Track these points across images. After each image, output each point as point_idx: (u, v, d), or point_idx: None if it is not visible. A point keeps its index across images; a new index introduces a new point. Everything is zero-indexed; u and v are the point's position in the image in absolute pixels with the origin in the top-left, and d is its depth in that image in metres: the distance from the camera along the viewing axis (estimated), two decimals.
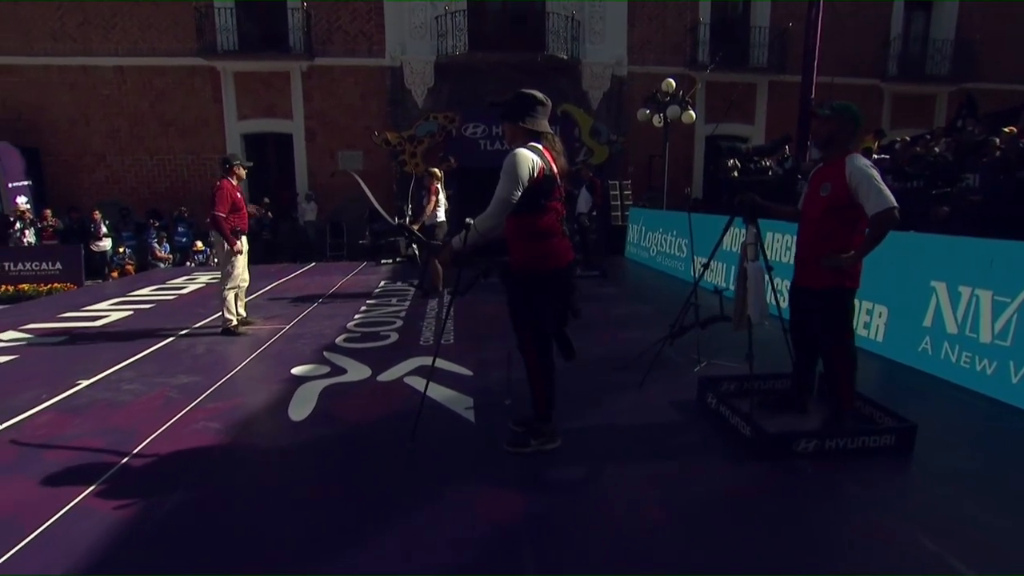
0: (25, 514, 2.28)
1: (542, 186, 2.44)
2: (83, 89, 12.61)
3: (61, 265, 10.26)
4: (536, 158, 2.43)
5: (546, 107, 2.56)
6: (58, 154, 12.81)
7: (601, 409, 3.33)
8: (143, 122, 12.90)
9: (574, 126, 12.33)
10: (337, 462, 2.74)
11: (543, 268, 2.52)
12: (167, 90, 12.78)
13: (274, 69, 12.86)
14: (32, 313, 6.51)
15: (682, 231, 8.07)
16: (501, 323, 5.52)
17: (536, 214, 2.49)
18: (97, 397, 3.65)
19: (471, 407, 3.33)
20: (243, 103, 13.01)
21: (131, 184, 13.10)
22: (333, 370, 4.12)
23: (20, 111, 12.55)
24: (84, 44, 12.39)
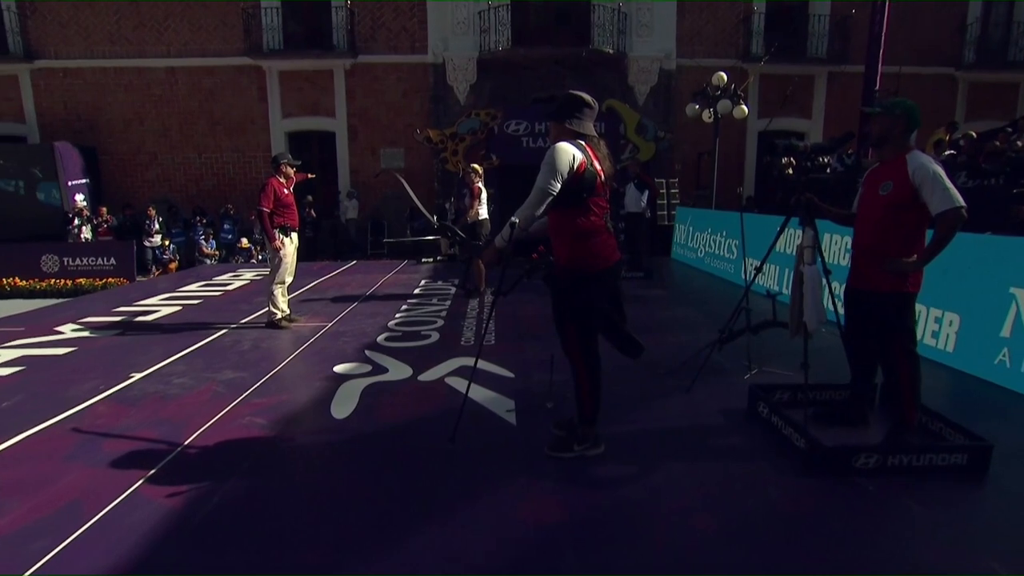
0: (86, 500, 2.43)
1: (584, 181, 2.43)
2: (137, 90, 13.31)
3: (115, 261, 10.86)
4: (577, 152, 2.43)
5: (593, 110, 2.55)
6: (114, 153, 13.56)
7: (647, 413, 3.30)
8: (192, 121, 13.51)
9: (619, 122, 12.22)
10: (378, 461, 2.81)
11: (588, 268, 2.51)
12: (215, 90, 13.35)
13: (318, 67, 13.25)
14: (89, 307, 6.91)
15: (732, 232, 7.89)
16: (543, 323, 5.57)
17: (579, 211, 2.48)
18: (149, 390, 3.85)
19: (512, 409, 3.36)
20: (288, 101, 13.46)
21: (180, 182, 13.74)
22: (375, 369, 4.21)
23: (80, 112, 13.35)
24: (139, 46, 13.07)
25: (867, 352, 2.80)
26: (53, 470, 2.72)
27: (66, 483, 2.59)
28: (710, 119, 10.49)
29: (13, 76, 13.20)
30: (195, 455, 2.87)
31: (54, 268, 10.83)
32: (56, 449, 2.95)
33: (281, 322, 5.45)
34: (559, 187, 2.39)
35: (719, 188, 11.22)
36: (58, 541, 2.13)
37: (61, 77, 13.22)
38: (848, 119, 11.31)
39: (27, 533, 2.20)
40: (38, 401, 3.66)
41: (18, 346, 5.04)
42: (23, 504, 2.41)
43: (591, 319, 2.58)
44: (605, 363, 2.76)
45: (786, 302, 3.19)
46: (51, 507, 2.39)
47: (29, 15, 12.88)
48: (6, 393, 3.83)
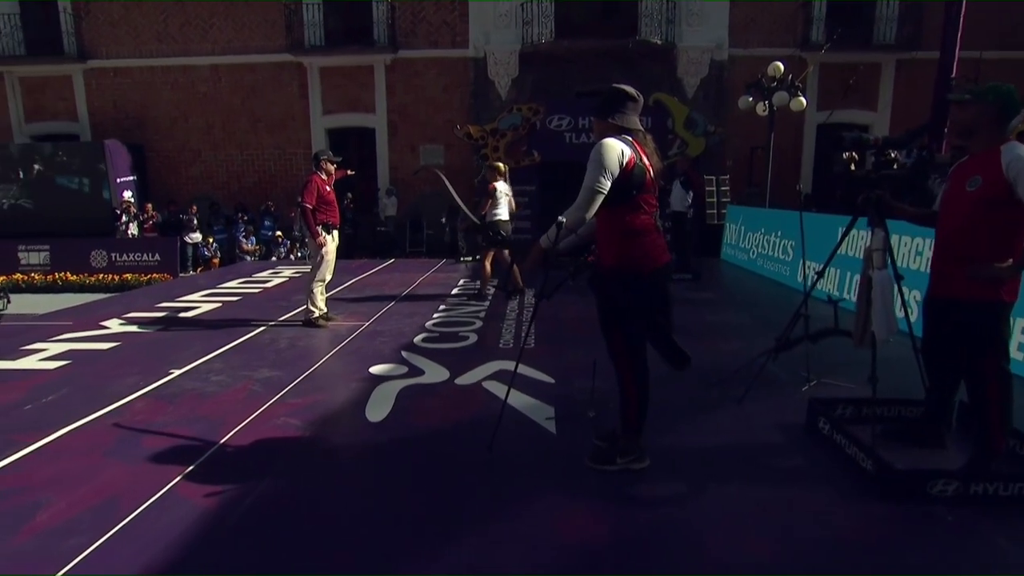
0: (123, 497, 2.50)
1: (633, 178, 2.37)
2: (183, 88, 13.85)
3: (159, 257, 11.32)
4: (625, 148, 2.38)
5: (637, 103, 2.50)
6: (160, 150, 14.15)
7: (695, 425, 3.18)
8: (234, 118, 13.96)
9: (667, 116, 11.96)
10: (412, 468, 2.79)
11: (636, 269, 2.44)
12: (257, 87, 13.76)
13: (358, 63, 13.48)
14: (134, 302, 7.20)
15: (788, 232, 7.60)
16: (586, 326, 5.46)
17: (628, 209, 2.42)
18: (187, 387, 3.96)
19: (552, 417, 3.29)
20: (328, 98, 13.75)
21: (222, 179, 14.23)
22: (411, 370, 4.22)
23: (128, 110, 13.99)
24: (184, 45, 13.60)
25: (949, 367, 2.61)
26: (93, 465, 2.80)
27: (104, 479, 2.66)
28: (765, 112, 10.15)
29: (67, 76, 13.94)
30: (230, 454, 2.92)
31: (103, 263, 11.37)
32: (96, 444, 3.05)
33: (318, 321, 5.54)
34: (609, 185, 2.34)
35: (773, 185, 10.84)
36: (93, 539, 2.19)
37: (111, 76, 13.89)
38: (918, 110, 10.76)
39: (63, 529, 2.26)
40: (82, 395, 3.80)
41: (66, 340, 5.27)
42: (63, 499, 2.49)
43: (639, 324, 2.53)
44: (651, 370, 2.67)
45: (850, 309, 3.01)
46: (88, 503, 2.46)
47: (83, 16, 13.57)
48: (53, 387, 3.99)
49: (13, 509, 2.42)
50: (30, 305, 9.45)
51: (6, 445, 3.01)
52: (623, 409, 2.62)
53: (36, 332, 5.58)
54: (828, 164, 10.68)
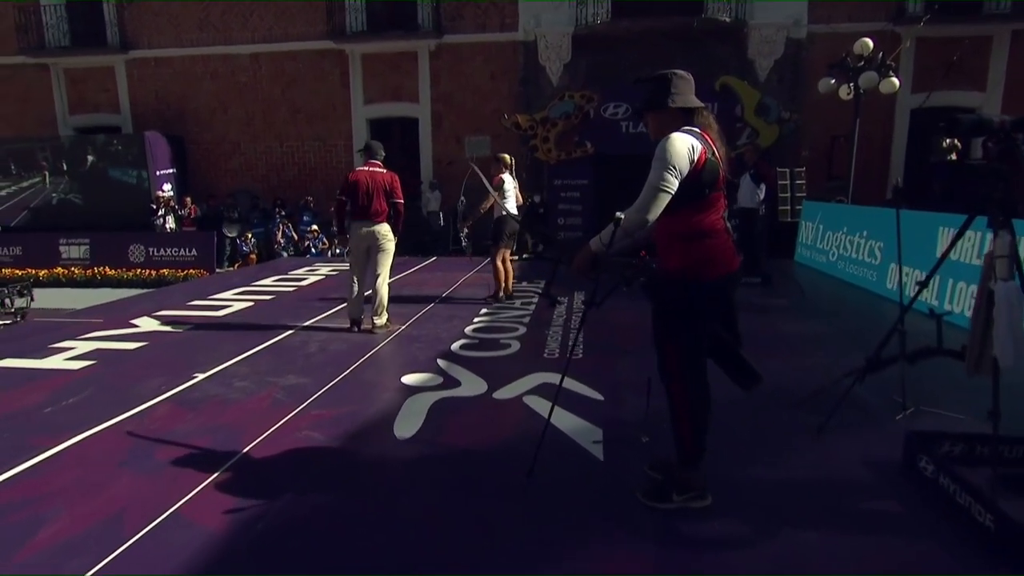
0: (130, 512, 2.47)
1: (705, 175, 2.21)
2: (223, 77, 14.29)
3: (196, 252, 11.69)
4: (695, 141, 2.21)
5: (687, 80, 2.33)
6: (200, 142, 14.66)
7: (765, 457, 2.93)
8: (274, 109, 14.31)
9: (736, 103, 11.49)
10: (441, 493, 2.67)
11: (703, 275, 2.27)
12: (298, 75, 14.05)
13: (402, 49, 13.57)
14: (166, 299, 7.41)
15: (875, 231, 7.13)
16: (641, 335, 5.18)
17: (697, 209, 2.25)
18: (210, 392, 3.97)
19: (599, 440, 3.10)
20: (370, 87, 13.91)
21: (261, 172, 14.61)
22: (446, 381, 4.12)
23: (169, 101, 14.56)
24: (225, 33, 14.03)
25: None
26: (104, 476, 2.80)
27: (114, 492, 2.65)
28: (849, 96, 9.58)
29: (110, 67, 14.62)
30: (245, 470, 2.86)
31: (140, 258, 11.84)
32: (111, 452, 3.07)
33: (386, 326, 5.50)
34: (677, 184, 2.17)
35: (857, 178, 10.24)
36: (94, 561, 2.15)
37: (153, 67, 14.47)
38: None
39: (65, 548, 2.24)
40: (103, 399, 3.87)
41: (94, 338, 5.43)
42: (68, 512, 2.48)
43: (700, 338, 2.35)
44: (719, 393, 2.46)
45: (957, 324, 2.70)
46: (95, 518, 2.44)
47: (125, 6, 14.20)
48: (76, 388, 4.09)
49: (20, 522, 2.42)
50: (69, 300, 9.91)
51: (21, 451, 3.06)
52: (677, 437, 2.43)
53: (66, 330, 5.78)
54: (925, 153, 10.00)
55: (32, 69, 14.85)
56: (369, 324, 5.47)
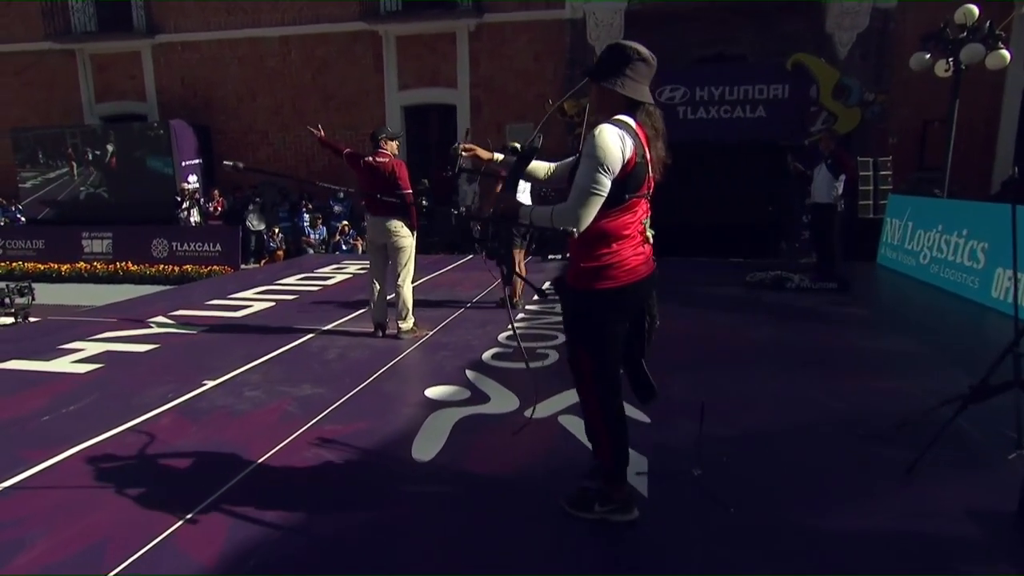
0: (112, 542, 2.39)
1: (629, 178, 2.18)
2: (251, 63, 14.55)
3: (220, 247, 11.89)
4: (627, 137, 2.15)
5: (649, 66, 2.22)
6: (227, 132, 14.97)
7: (844, 500, 2.66)
8: (304, 96, 14.47)
9: (810, 83, 10.97)
10: (459, 527, 2.52)
11: (608, 282, 2.26)
12: (329, 60, 14.18)
13: (439, 30, 13.54)
14: (184, 298, 7.50)
15: (979, 230, 6.64)
16: (694, 347, 5.00)
17: (613, 213, 2.22)
18: (218, 403, 3.92)
19: (644, 472, 2.88)
20: (405, 71, 13.92)
21: (290, 163, 14.80)
22: (474, 395, 3.98)
23: (196, 88, 14.91)
24: (254, 15, 14.27)
25: None
26: (91, 496, 2.75)
27: (102, 515, 2.59)
28: (947, 72, 8.99)
29: (136, 53, 15.06)
30: (244, 494, 2.76)
31: (163, 253, 12.14)
32: (104, 469, 3.02)
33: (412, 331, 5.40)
34: (609, 185, 2.14)
35: (955, 168, 9.62)
36: None
37: (179, 51, 14.85)
38: None
39: None
40: (106, 407, 3.86)
41: (105, 339, 5.50)
42: (49, 537, 2.43)
43: (611, 345, 2.35)
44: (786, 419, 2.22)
45: None
46: (76, 546, 2.37)
47: None
48: (79, 394, 4.10)
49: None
50: (89, 296, 10.22)
51: (11, 464, 3.05)
52: (595, 448, 2.51)
53: (78, 329, 5.88)
54: None
55: (58, 55, 15.44)
56: (394, 329, 5.37)
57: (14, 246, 13.38)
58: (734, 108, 11.24)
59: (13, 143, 15.04)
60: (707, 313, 6.22)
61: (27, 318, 6.64)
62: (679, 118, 11.37)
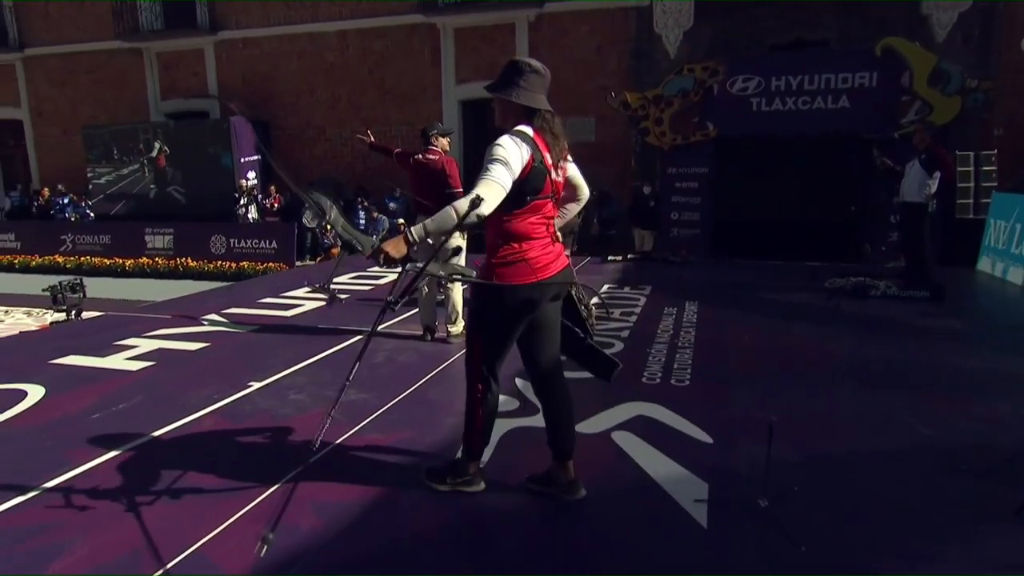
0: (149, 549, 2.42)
1: (527, 183, 2.42)
2: (309, 57, 14.92)
3: (276, 244, 12.21)
4: (525, 145, 2.40)
5: (541, 76, 2.52)
6: (285, 128, 15.39)
7: (940, 541, 2.44)
8: (361, 90, 14.73)
9: (902, 70, 10.35)
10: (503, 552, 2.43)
11: (511, 280, 2.49)
12: (386, 54, 14.39)
13: (498, 21, 13.53)
14: (238, 296, 7.72)
15: None
16: (763, 359, 4.76)
17: (515, 214, 2.47)
18: (262, 405, 3.97)
19: (704, 500, 2.72)
20: (462, 64, 13.97)
21: (347, 159, 15.09)
22: (523, 406, 3.89)
23: (256, 84, 15.39)
24: (313, 11, 14.62)
25: None
26: (128, 502, 2.80)
27: (135, 523, 2.62)
28: None
29: (199, 50, 15.69)
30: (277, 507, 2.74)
31: (221, 250, 12.57)
32: (144, 473, 3.08)
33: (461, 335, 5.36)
34: (511, 182, 2.34)
35: None
36: None
37: (240, 48, 15.37)
38: None
39: None
40: (153, 406, 3.97)
41: (159, 336, 5.69)
42: (86, 543, 2.47)
43: (502, 341, 2.64)
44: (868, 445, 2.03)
45: None
46: (112, 554, 2.41)
47: None
48: (128, 393, 4.23)
49: (34, 551, 2.44)
50: (152, 291, 10.69)
51: (56, 465, 3.14)
52: (466, 426, 2.80)
53: (135, 326, 6.11)
54: None
55: (126, 54, 16.24)
56: (443, 332, 5.34)
57: (83, 241, 14.14)
58: (814, 98, 10.76)
59: (84, 140, 15.89)
60: (778, 322, 5.94)
61: (80, 314, 6.96)
62: (751, 110, 11.00)
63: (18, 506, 2.78)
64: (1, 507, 2.76)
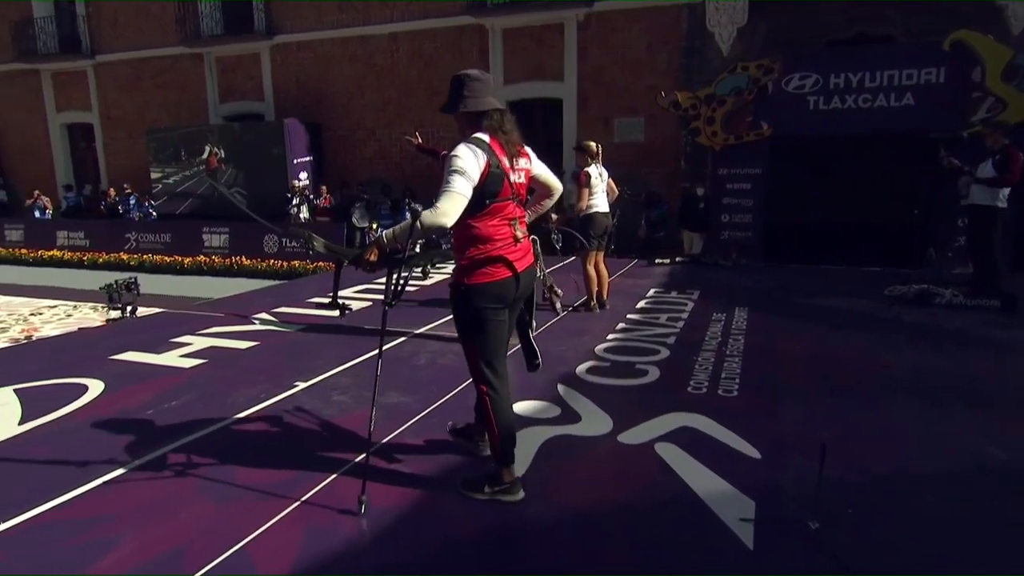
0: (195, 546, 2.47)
1: (485, 187, 2.59)
2: (360, 60, 15.16)
3: None
4: (480, 152, 2.57)
5: (482, 82, 2.73)
6: (336, 129, 15.69)
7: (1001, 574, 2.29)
8: (410, 92, 14.88)
9: (973, 65, 9.84)
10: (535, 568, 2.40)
11: (479, 279, 2.67)
12: (435, 55, 14.50)
13: (547, 21, 13.48)
14: (288, 295, 7.88)
15: None
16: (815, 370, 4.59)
17: (477, 217, 2.64)
18: (306, 405, 4.03)
19: (749, 519, 2.62)
20: (510, 65, 13.97)
21: (395, 160, 15.28)
22: (564, 414, 3.84)
23: (309, 87, 15.73)
24: (365, 14, 14.85)
25: None
26: (179, 498, 2.87)
27: (185, 519, 2.69)
28: None
29: (256, 54, 16.13)
30: (318, 510, 2.78)
31: (273, 249, 12.87)
32: (194, 469, 3.16)
33: None
34: (471, 190, 2.53)
35: None
36: None
37: (295, 51, 15.75)
38: None
39: None
40: (203, 404, 4.08)
41: (211, 335, 5.85)
42: (135, 539, 2.55)
43: (492, 333, 2.74)
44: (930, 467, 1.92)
45: None
46: (158, 549, 2.47)
47: None
48: (180, 390, 4.35)
49: (85, 545, 2.52)
50: (207, 288, 11.01)
51: (110, 460, 3.25)
52: (487, 432, 2.85)
53: (190, 323, 6.31)
54: None
55: (188, 59, 16.83)
56: None
57: (145, 239, 14.70)
58: (875, 96, 10.33)
59: (148, 142, 16.53)
60: (833, 331, 5.71)
61: (134, 312, 7.21)
62: (808, 109, 10.63)
63: (74, 499, 2.88)
64: (58, 500, 2.86)
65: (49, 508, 2.80)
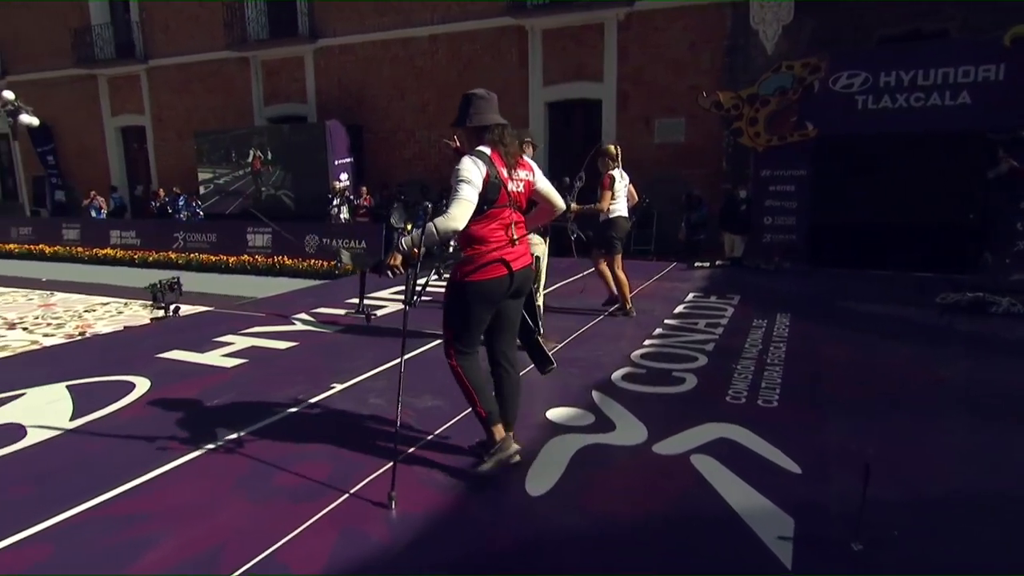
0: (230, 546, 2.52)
1: (486, 193, 2.87)
2: (401, 62, 15.30)
3: (365, 244, 12.58)
4: (481, 164, 2.87)
5: (486, 100, 3.04)
6: (376, 131, 15.87)
7: None
8: (450, 94, 14.92)
9: None
10: None
11: (474, 277, 2.94)
12: (475, 57, 14.54)
13: (587, 21, 13.39)
14: (328, 295, 8.01)
15: None
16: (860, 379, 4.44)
17: (475, 221, 2.90)
18: (341, 408, 4.08)
19: (788, 537, 2.54)
20: (550, 65, 13.92)
21: (434, 161, 15.37)
22: (598, 422, 3.80)
23: (350, 89, 15.96)
24: (405, 15, 14.97)
25: None
26: (218, 498, 2.93)
27: (222, 519, 2.75)
28: None
29: (300, 57, 16.42)
30: (348, 515, 2.80)
31: (314, 249, 13.06)
32: (232, 469, 3.23)
33: None
34: (476, 196, 2.83)
35: None
36: None
37: (337, 55, 15.98)
38: None
39: None
40: (243, 403, 4.18)
41: (253, 334, 5.98)
42: (173, 538, 2.61)
43: (471, 327, 3.08)
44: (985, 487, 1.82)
45: None
46: (195, 549, 2.53)
47: None
48: (222, 390, 4.45)
49: (125, 543, 2.58)
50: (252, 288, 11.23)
51: (153, 459, 3.33)
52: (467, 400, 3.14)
53: (233, 322, 6.46)
54: None
55: (235, 63, 17.23)
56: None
57: (192, 239, 15.08)
58: (929, 95, 9.96)
59: (196, 144, 16.98)
60: (880, 340, 5.53)
61: (177, 311, 7.39)
62: (856, 109, 10.32)
63: (118, 496, 2.96)
64: (102, 496, 2.95)
65: (94, 504, 2.89)
